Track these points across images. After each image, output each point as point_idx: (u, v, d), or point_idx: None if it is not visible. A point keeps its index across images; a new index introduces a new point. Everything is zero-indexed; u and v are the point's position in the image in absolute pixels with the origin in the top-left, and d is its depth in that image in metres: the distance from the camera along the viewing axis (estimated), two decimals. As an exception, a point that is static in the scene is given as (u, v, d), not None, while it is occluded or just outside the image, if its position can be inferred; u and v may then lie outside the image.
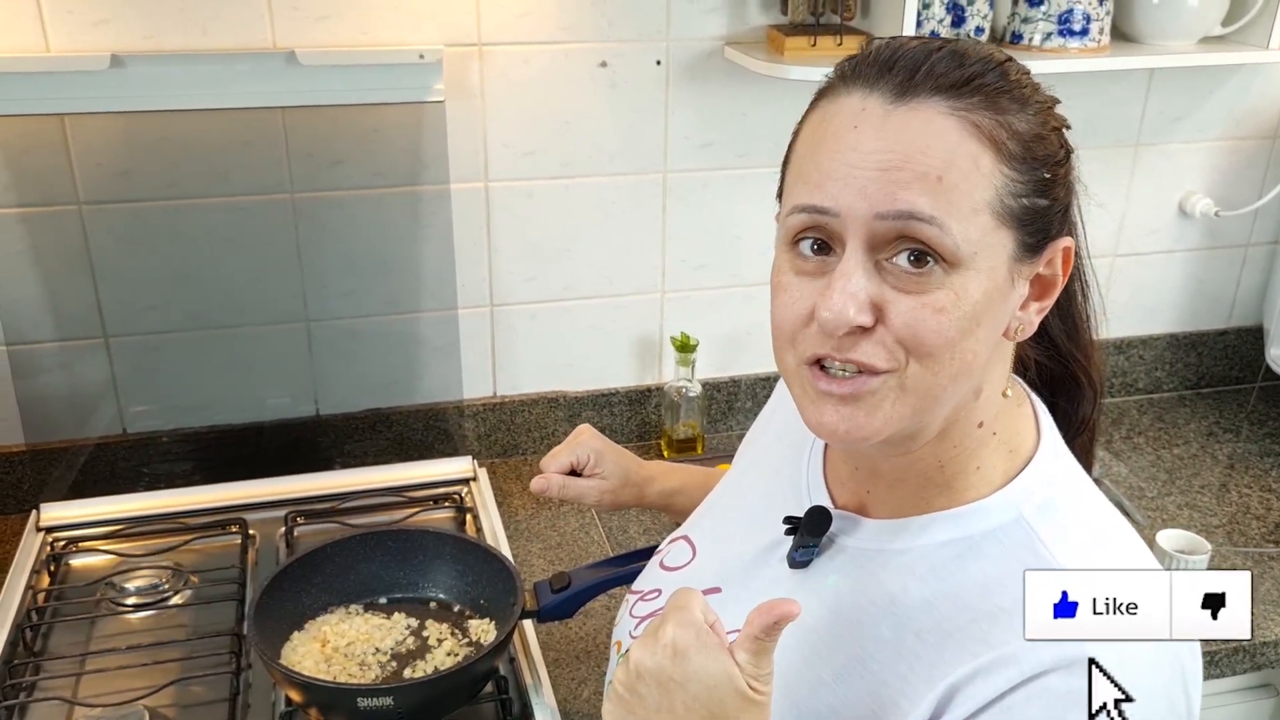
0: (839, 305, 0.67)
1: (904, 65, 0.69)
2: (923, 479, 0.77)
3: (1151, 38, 1.66)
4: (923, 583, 0.75)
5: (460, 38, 1.52)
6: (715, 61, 1.61)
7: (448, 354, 1.68)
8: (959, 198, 0.67)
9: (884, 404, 0.70)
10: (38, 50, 1.40)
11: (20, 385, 1.54)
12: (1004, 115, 0.69)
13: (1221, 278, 1.99)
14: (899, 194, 0.66)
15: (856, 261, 0.68)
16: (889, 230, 0.67)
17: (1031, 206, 0.70)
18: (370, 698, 1.07)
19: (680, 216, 1.71)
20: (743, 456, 1.01)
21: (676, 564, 0.95)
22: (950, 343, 0.68)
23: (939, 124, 0.67)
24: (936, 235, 0.67)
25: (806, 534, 0.81)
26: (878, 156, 0.67)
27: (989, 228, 0.68)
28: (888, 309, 0.68)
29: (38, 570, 1.40)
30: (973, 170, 0.67)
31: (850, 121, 0.69)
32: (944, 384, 0.70)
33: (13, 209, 1.46)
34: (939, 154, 0.67)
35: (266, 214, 1.54)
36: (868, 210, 0.67)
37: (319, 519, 1.52)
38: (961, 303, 0.68)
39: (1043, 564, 0.71)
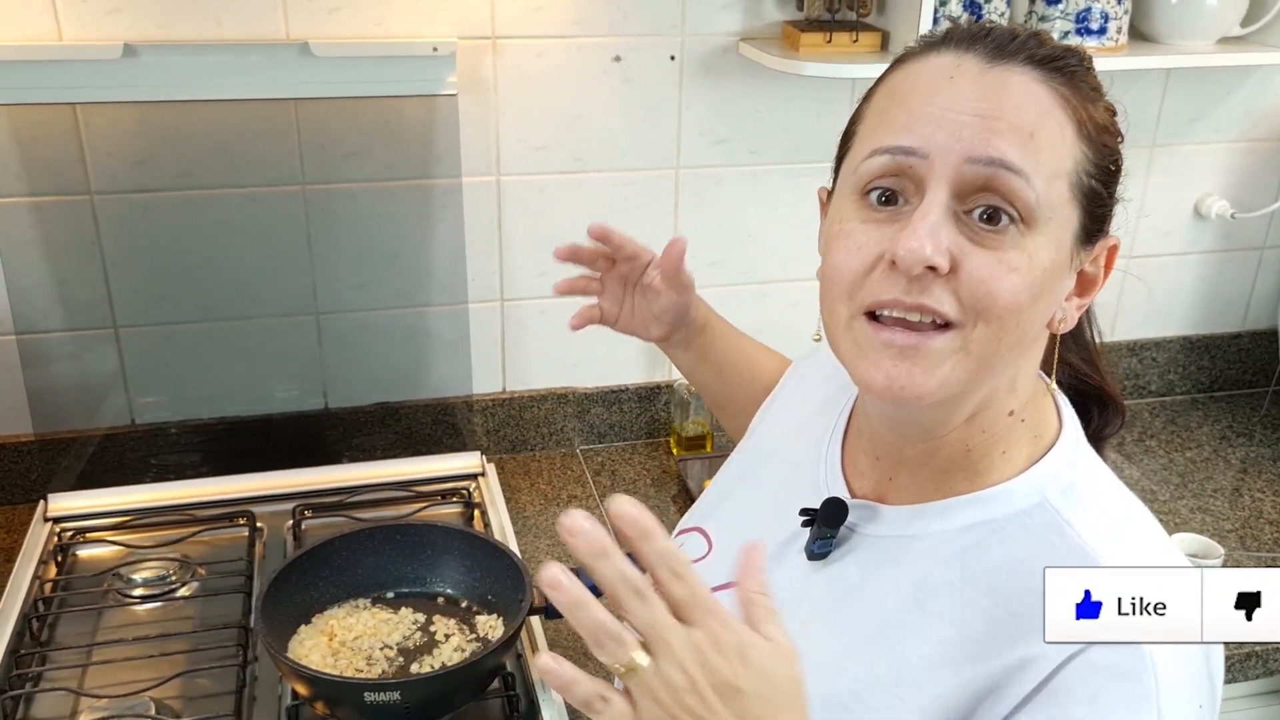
0: (917, 242, 0.66)
1: (996, 35, 0.71)
2: (948, 463, 0.77)
3: (1169, 37, 1.65)
4: (946, 567, 0.74)
5: (474, 31, 1.51)
6: (730, 57, 1.61)
7: (457, 348, 1.68)
8: (1046, 158, 0.68)
9: (944, 364, 0.69)
10: (51, 39, 1.39)
11: (29, 375, 1.54)
12: (1084, 99, 0.71)
13: (1236, 280, 1.98)
14: (993, 140, 0.67)
15: (939, 203, 0.67)
16: (976, 177, 0.67)
17: (1099, 191, 0.72)
18: (377, 692, 1.07)
19: (692, 213, 1.70)
20: (755, 447, 1.00)
21: (692, 558, 0.93)
22: (1019, 306, 0.68)
23: (1033, 88, 0.69)
24: (1022, 188, 0.67)
25: (823, 525, 0.81)
26: (974, 104, 0.68)
27: (1064, 197, 0.70)
28: (963, 261, 0.67)
29: (45, 560, 1.40)
30: (1059, 136, 0.69)
31: (946, 74, 0.70)
32: (1003, 352, 0.70)
33: (24, 198, 1.45)
34: (1032, 113, 0.68)
35: (278, 206, 1.54)
36: (960, 153, 0.67)
37: (327, 512, 1.52)
38: (1034, 266, 0.68)
39: (1070, 546, 0.71)
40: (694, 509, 1.01)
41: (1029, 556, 0.72)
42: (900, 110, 0.71)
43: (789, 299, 1.77)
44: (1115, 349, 1.96)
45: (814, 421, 0.92)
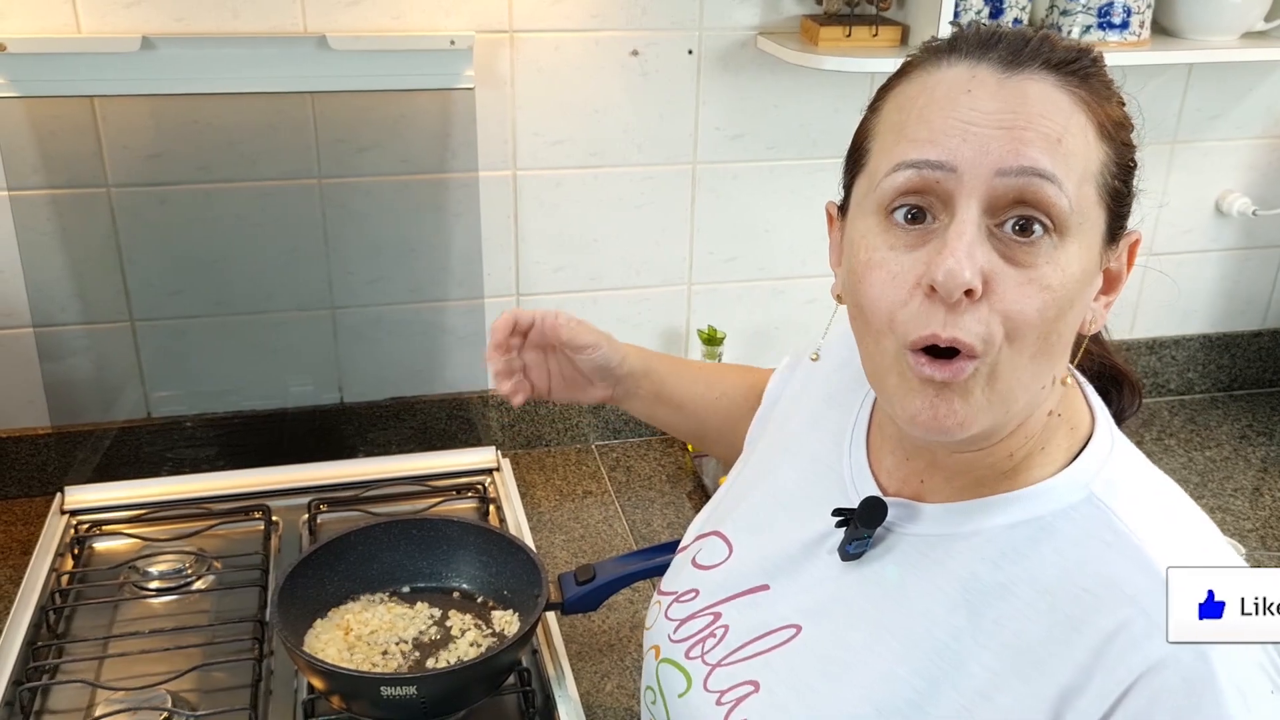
0: (955, 264, 0.65)
1: (1008, 42, 0.70)
2: (990, 470, 0.76)
3: (1192, 32, 1.63)
4: (994, 567, 0.73)
5: (491, 24, 1.51)
6: (748, 51, 1.60)
7: (473, 343, 1.67)
8: (1074, 163, 0.67)
9: (975, 392, 0.68)
10: (69, 31, 1.39)
11: (46, 368, 1.54)
12: (1099, 97, 0.70)
13: (1257, 278, 1.96)
14: (1022, 150, 0.66)
15: (972, 221, 0.66)
16: (1007, 189, 0.66)
17: (1120, 189, 0.71)
18: (394, 687, 1.06)
19: (709, 208, 1.69)
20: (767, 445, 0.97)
21: (711, 562, 0.92)
22: (1048, 323, 0.67)
23: (1052, 93, 0.68)
24: (1055, 195, 0.66)
25: (861, 525, 0.79)
26: (997, 116, 0.67)
27: (1092, 200, 0.69)
28: (995, 281, 0.66)
29: (62, 553, 1.40)
30: (1084, 140, 0.68)
31: (962, 85, 0.68)
32: (1030, 372, 0.69)
33: (42, 190, 1.46)
34: (1058, 119, 0.67)
35: (294, 199, 1.53)
36: (989, 167, 0.66)
37: (342, 507, 1.52)
38: (1065, 279, 0.67)
39: (1124, 543, 0.70)
40: (710, 511, 0.99)
41: (1081, 555, 0.70)
42: (919, 124, 0.69)
43: (805, 295, 1.77)
44: (1134, 347, 1.94)
45: (828, 414, 0.90)
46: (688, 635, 0.88)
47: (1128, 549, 0.69)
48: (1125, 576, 0.68)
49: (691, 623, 0.89)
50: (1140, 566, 0.69)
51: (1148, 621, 0.66)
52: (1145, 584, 0.68)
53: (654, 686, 0.91)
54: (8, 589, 1.37)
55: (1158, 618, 0.66)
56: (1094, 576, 0.69)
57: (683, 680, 0.87)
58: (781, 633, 0.82)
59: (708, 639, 0.86)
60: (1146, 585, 0.68)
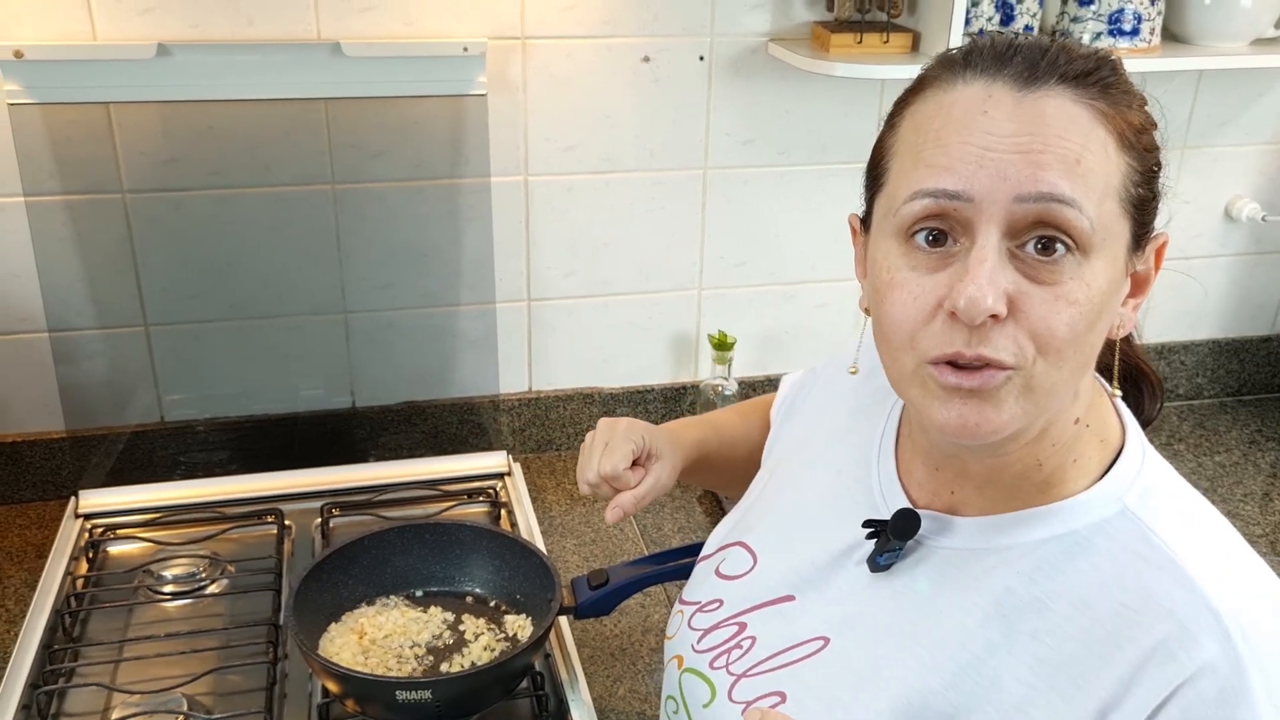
0: (977, 292, 0.65)
1: (1024, 55, 0.69)
2: (1019, 479, 0.75)
3: (1202, 39, 1.64)
4: (1030, 581, 0.73)
5: (504, 31, 1.51)
6: (759, 58, 1.60)
7: (484, 348, 1.68)
8: (1095, 181, 0.67)
9: (1008, 400, 0.68)
10: (85, 38, 1.40)
11: (61, 371, 1.55)
12: (1118, 107, 0.69)
13: (1267, 284, 1.96)
14: (1041, 175, 0.65)
15: (993, 247, 0.66)
16: (1026, 214, 0.66)
17: (1145, 196, 0.71)
18: (409, 690, 1.07)
19: (720, 214, 1.70)
20: (793, 457, 0.97)
21: (736, 572, 0.91)
22: (1079, 337, 0.67)
23: (1070, 109, 0.67)
24: (1075, 218, 0.66)
25: (894, 537, 0.78)
26: (1014, 139, 0.66)
27: (1115, 214, 0.69)
28: (1021, 301, 0.66)
29: (76, 556, 1.41)
30: (1104, 156, 0.68)
31: (978, 106, 0.68)
32: (1066, 380, 0.69)
33: (57, 196, 1.46)
34: (1076, 138, 0.66)
35: (307, 205, 1.54)
36: (1008, 193, 0.66)
37: (354, 511, 1.52)
38: (1092, 294, 0.67)
39: (1160, 556, 0.70)
40: (733, 522, 0.98)
41: (1118, 569, 0.70)
42: (936, 149, 0.68)
43: (816, 300, 1.77)
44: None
45: (852, 426, 0.90)
46: (712, 645, 0.88)
47: (1164, 563, 0.69)
48: (1163, 590, 0.68)
49: (716, 633, 0.88)
50: (1177, 580, 0.68)
51: (1185, 634, 0.66)
52: (1183, 597, 0.68)
53: (676, 696, 0.90)
54: (23, 592, 1.38)
55: (1195, 630, 0.66)
56: (1132, 591, 0.69)
57: (707, 691, 0.86)
58: (810, 644, 0.82)
59: (733, 649, 0.86)
60: (1184, 598, 0.68)
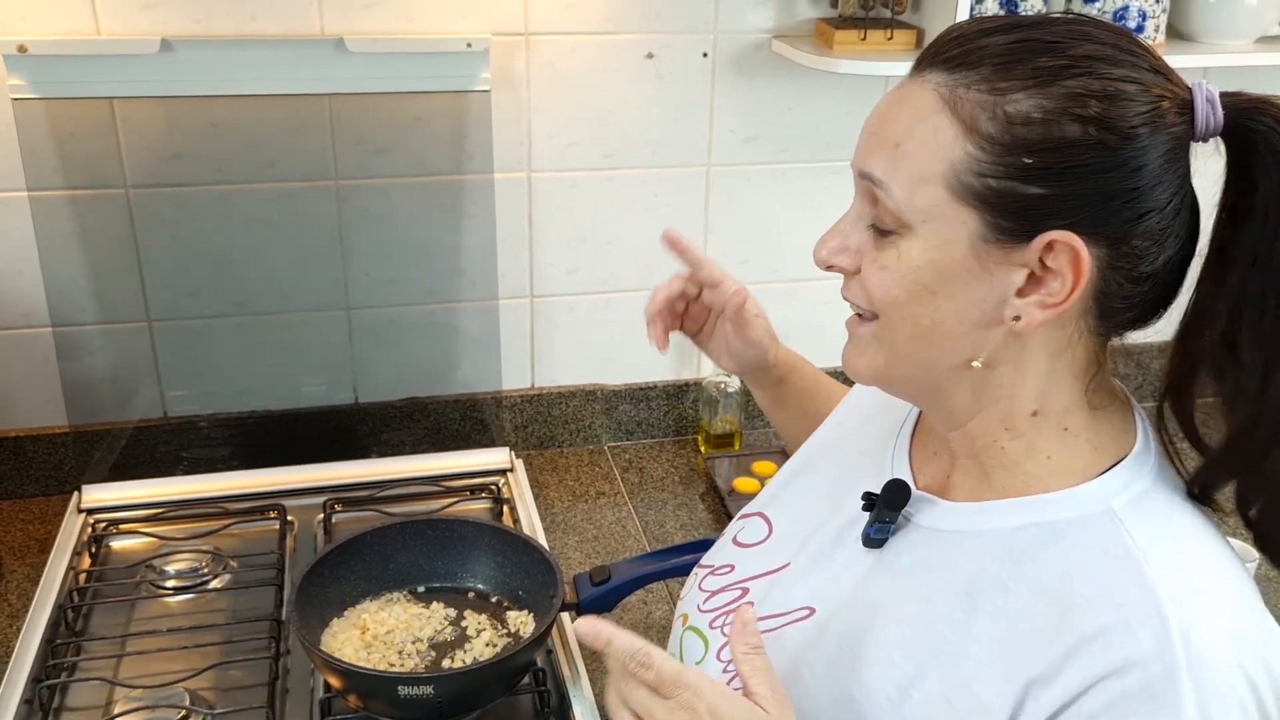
0: (819, 245, 0.78)
1: (961, 40, 0.72)
2: (988, 459, 0.78)
3: (1207, 37, 1.63)
4: (1000, 564, 0.74)
5: (507, 27, 1.51)
6: (762, 55, 1.60)
7: (487, 345, 1.68)
8: (910, 165, 0.71)
9: (866, 349, 0.77)
10: (88, 33, 1.40)
11: (64, 367, 1.55)
12: (1003, 94, 0.68)
13: (1270, 282, 1.95)
14: (867, 155, 0.74)
15: (854, 210, 0.77)
16: (863, 189, 0.75)
17: (1000, 189, 0.68)
18: (411, 686, 1.07)
19: (723, 211, 1.69)
20: (823, 438, 1.00)
21: (751, 541, 0.94)
22: (896, 301, 0.73)
23: (918, 96, 0.72)
24: (883, 197, 0.73)
25: (884, 508, 0.81)
26: (872, 121, 0.75)
27: (941, 200, 0.70)
28: (863, 262, 0.76)
29: (79, 551, 1.41)
30: (930, 141, 0.70)
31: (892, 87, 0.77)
32: (904, 343, 0.75)
33: (61, 191, 1.46)
34: (903, 123, 0.72)
35: (310, 201, 1.54)
36: (856, 167, 0.76)
37: (356, 507, 1.53)
38: (904, 264, 0.72)
39: (1128, 556, 0.70)
40: (760, 495, 1.02)
41: (1085, 562, 0.71)
42: None
43: (819, 297, 1.77)
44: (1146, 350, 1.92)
45: (881, 414, 0.93)
46: (715, 607, 0.92)
47: (1130, 564, 0.69)
48: (1118, 586, 0.69)
49: (721, 595, 0.92)
50: (1134, 579, 0.69)
51: (1125, 627, 0.67)
52: (1135, 595, 0.68)
53: (676, 653, 0.94)
54: (26, 587, 1.38)
55: (1135, 625, 0.67)
56: (1090, 584, 0.69)
57: (701, 648, 0.90)
58: (797, 613, 0.85)
59: (732, 612, 0.89)
60: (1136, 596, 0.68)
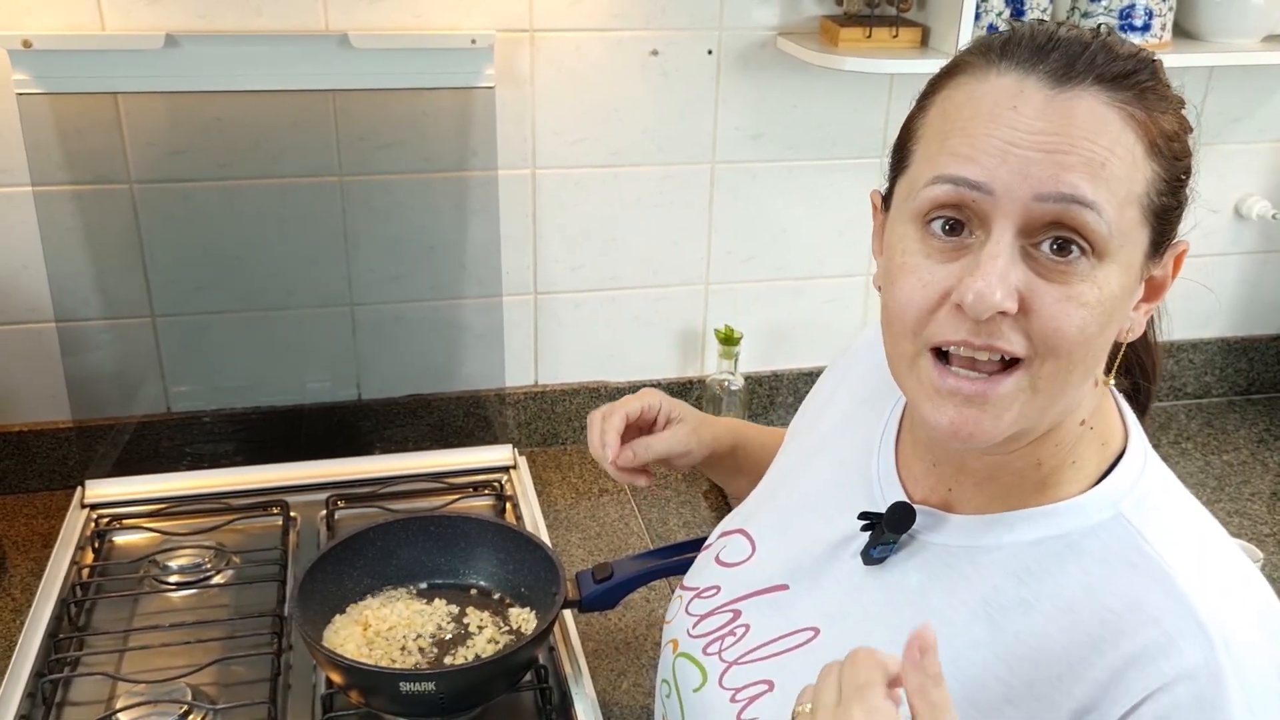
0: (987, 287, 0.64)
1: (1062, 51, 0.67)
2: (1017, 477, 0.75)
3: (1213, 35, 1.63)
4: (1018, 582, 0.73)
5: (512, 23, 1.51)
6: (768, 52, 1.60)
7: (491, 341, 1.68)
8: (1118, 187, 0.66)
9: (1013, 406, 0.68)
10: (93, 28, 1.40)
11: (68, 362, 1.55)
12: (1153, 112, 0.68)
13: (1277, 283, 1.95)
14: (1063, 176, 0.65)
15: (1006, 244, 0.66)
16: (1044, 214, 0.66)
17: (1167, 204, 0.70)
18: (413, 682, 1.07)
19: (727, 208, 1.69)
20: (798, 446, 0.98)
21: (734, 559, 0.92)
22: (1088, 340, 0.67)
23: (1101, 112, 0.66)
24: (1094, 221, 0.65)
25: (889, 530, 0.79)
26: (1042, 138, 0.65)
27: (1135, 221, 0.68)
28: (1033, 299, 0.66)
29: (82, 546, 1.41)
30: (1130, 162, 0.67)
31: (1008, 101, 0.67)
32: (1073, 383, 0.69)
33: (65, 186, 1.47)
34: (1104, 141, 0.66)
35: (315, 197, 1.54)
36: (1028, 191, 0.65)
37: (359, 503, 1.53)
38: (1104, 297, 0.67)
39: (1151, 565, 0.70)
40: (738, 510, 0.99)
41: (1107, 575, 0.70)
42: (961, 138, 0.68)
43: (824, 295, 1.77)
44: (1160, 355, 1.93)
45: (860, 416, 0.90)
46: (707, 631, 0.89)
47: (1154, 571, 0.69)
48: (1149, 599, 0.68)
49: (711, 619, 0.89)
50: (1165, 589, 0.68)
51: (1167, 641, 0.66)
52: (1168, 606, 0.67)
53: (669, 680, 0.91)
54: (29, 582, 1.38)
55: (1177, 638, 0.66)
56: (1118, 597, 0.69)
57: (698, 675, 0.87)
58: (800, 634, 0.82)
59: (726, 636, 0.87)
60: (1170, 607, 0.67)
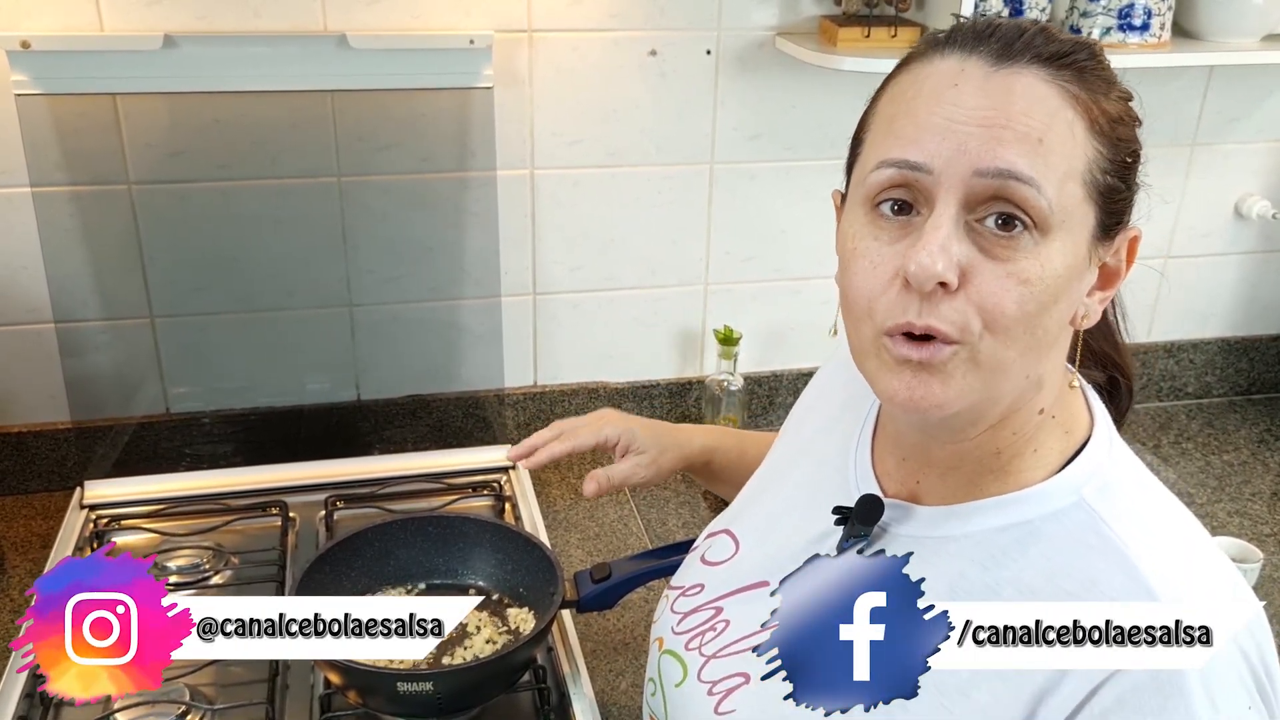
0: (928, 259, 0.66)
1: (1002, 34, 0.70)
2: (978, 465, 0.76)
3: (1213, 34, 1.63)
4: (982, 569, 0.73)
5: (510, 24, 1.51)
6: (766, 52, 1.60)
7: (489, 342, 1.68)
8: (1056, 161, 0.67)
9: (955, 376, 0.69)
10: (92, 29, 1.40)
11: (67, 363, 1.55)
12: (1093, 92, 0.69)
13: (1277, 282, 1.95)
14: (1000, 152, 0.66)
15: (949, 217, 0.67)
16: (985, 189, 0.67)
17: (1114, 186, 0.70)
18: (411, 683, 1.07)
19: (726, 208, 1.69)
20: (784, 449, 0.99)
21: (719, 559, 0.93)
22: (1028, 316, 0.67)
23: (1040, 89, 0.68)
24: (1033, 196, 0.66)
25: (858, 523, 0.80)
26: (980, 113, 0.67)
27: (1078, 198, 0.69)
28: (973, 274, 0.67)
29: (81, 547, 1.41)
30: (1069, 137, 0.68)
31: (950, 80, 0.69)
32: (1014, 358, 0.69)
33: (64, 187, 1.47)
34: (1040, 116, 0.67)
35: (313, 197, 1.54)
36: (967, 166, 0.66)
37: (358, 504, 1.52)
38: (1045, 274, 0.67)
39: (1108, 545, 0.70)
40: (725, 511, 1.01)
41: (1065, 558, 0.71)
42: (906, 120, 0.69)
43: (822, 296, 1.76)
44: (1152, 350, 1.93)
45: (840, 419, 0.91)
46: (689, 628, 0.90)
47: (1110, 552, 0.70)
48: (1105, 578, 0.69)
49: (694, 616, 0.91)
50: (1121, 568, 0.69)
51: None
52: (1124, 584, 0.68)
53: (655, 678, 0.93)
54: (28, 582, 1.38)
55: None
56: (1075, 579, 0.69)
57: (680, 670, 0.89)
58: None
59: (707, 632, 0.88)
60: (1124, 585, 0.68)
